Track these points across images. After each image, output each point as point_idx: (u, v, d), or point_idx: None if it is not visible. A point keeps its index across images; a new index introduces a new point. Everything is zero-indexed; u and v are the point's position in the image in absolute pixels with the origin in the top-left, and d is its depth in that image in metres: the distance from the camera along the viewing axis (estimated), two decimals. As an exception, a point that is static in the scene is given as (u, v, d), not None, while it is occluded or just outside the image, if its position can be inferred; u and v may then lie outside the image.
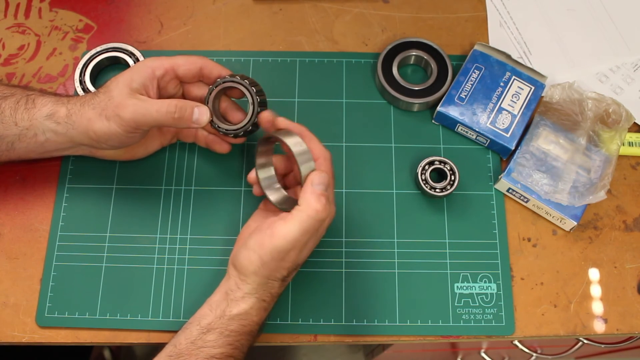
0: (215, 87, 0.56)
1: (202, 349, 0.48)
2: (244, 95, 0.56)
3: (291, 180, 0.58)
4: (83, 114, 0.53)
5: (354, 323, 0.58)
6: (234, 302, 0.50)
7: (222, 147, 0.61)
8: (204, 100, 0.57)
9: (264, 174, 0.55)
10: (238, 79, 0.55)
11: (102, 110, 0.52)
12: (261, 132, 0.59)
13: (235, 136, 0.57)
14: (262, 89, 0.57)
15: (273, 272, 0.50)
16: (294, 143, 0.51)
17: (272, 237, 0.48)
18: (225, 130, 0.57)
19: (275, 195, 0.54)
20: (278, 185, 0.55)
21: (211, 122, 0.57)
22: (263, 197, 0.55)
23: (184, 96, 0.59)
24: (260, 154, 0.55)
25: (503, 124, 0.63)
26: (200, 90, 0.58)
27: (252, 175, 0.55)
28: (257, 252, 0.49)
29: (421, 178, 0.61)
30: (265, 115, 0.54)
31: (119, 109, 0.52)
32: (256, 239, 0.49)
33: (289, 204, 0.53)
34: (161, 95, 0.56)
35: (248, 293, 0.50)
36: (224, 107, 0.58)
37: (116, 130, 0.52)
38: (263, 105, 0.56)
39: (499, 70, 0.66)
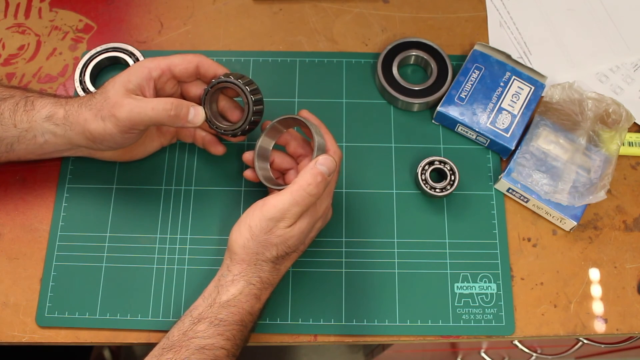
0: (211, 88, 0.56)
1: (192, 339, 0.48)
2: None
3: (291, 178, 0.58)
4: (80, 114, 0.53)
5: (354, 323, 0.58)
6: (224, 288, 0.50)
7: (216, 149, 0.61)
8: (200, 100, 0.58)
9: (264, 144, 0.57)
10: (232, 78, 0.55)
11: (98, 111, 0.52)
12: (258, 132, 0.59)
13: (234, 135, 0.58)
14: (257, 87, 0.57)
15: (262, 247, 0.50)
16: (318, 133, 0.53)
17: (263, 207, 0.50)
18: (224, 130, 0.57)
19: (263, 171, 0.56)
20: (268, 166, 0.57)
21: (209, 122, 0.57)
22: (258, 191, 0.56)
23: (182, 96, 0.59)
24: (272, 129, 0.57)
25: (503, 124, 0.63)
26: (198, 89, 0.58)
27: (247, 155, 0.57)
28: (247, 222, 0.51)
29: (421, 178, 0.61)
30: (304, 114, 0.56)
31: (114, 109, 0.52)
32: (248, 212, 0.52)
33: (271, 183, 0.55)
34: (159, 95, 0.56)
35: (237, 275, 0.51)
36: (222, 106, 0.58)
37: (112, 130, 0.52)
38: (259, 104, 0.56)
39: (499, 70, 0.66)
